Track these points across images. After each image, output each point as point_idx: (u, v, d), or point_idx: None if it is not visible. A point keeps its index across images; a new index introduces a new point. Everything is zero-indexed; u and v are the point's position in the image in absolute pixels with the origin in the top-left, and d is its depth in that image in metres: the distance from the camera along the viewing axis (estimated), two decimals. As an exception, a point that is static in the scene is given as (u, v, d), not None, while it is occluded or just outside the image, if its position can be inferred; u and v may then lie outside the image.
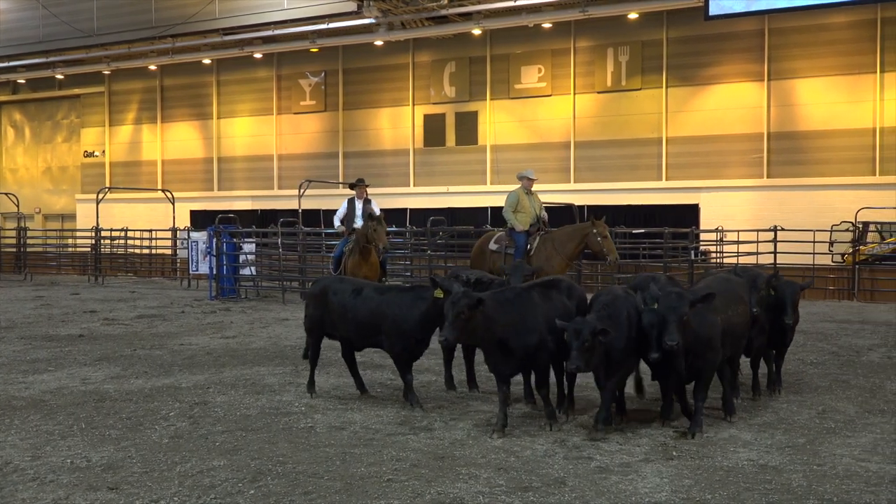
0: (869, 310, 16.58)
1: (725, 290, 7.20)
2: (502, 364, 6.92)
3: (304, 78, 30.34)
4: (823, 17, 23.10)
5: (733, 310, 7.08)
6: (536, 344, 6.89)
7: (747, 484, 5.67)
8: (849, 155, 23.10)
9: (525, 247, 12.80)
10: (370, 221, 12.97)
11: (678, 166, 24.72)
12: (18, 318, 15.21)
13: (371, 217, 13.09)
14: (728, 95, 24.43)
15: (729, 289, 7.31)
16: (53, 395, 8.59)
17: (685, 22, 24.33)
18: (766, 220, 21.17)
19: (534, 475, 5.84)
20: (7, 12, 33.47)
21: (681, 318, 6.39)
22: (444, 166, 27.75)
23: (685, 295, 6.56)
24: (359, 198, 14.39)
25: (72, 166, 35.94)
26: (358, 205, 14.30)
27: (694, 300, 6.52)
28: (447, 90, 28.04)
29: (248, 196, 31.09)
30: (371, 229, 12.85)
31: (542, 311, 6.99)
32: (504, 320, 6.78)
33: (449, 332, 6.57)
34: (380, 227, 12.89)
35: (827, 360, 10.56)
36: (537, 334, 6.88)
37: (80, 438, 6.91)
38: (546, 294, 7.24)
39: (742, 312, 7.25)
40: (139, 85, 33.26)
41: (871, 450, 6.49)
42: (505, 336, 6.78)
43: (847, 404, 8.07)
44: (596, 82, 26.05)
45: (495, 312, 6.74)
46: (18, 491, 5.60)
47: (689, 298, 6.50)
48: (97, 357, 10.91)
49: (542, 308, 7.03)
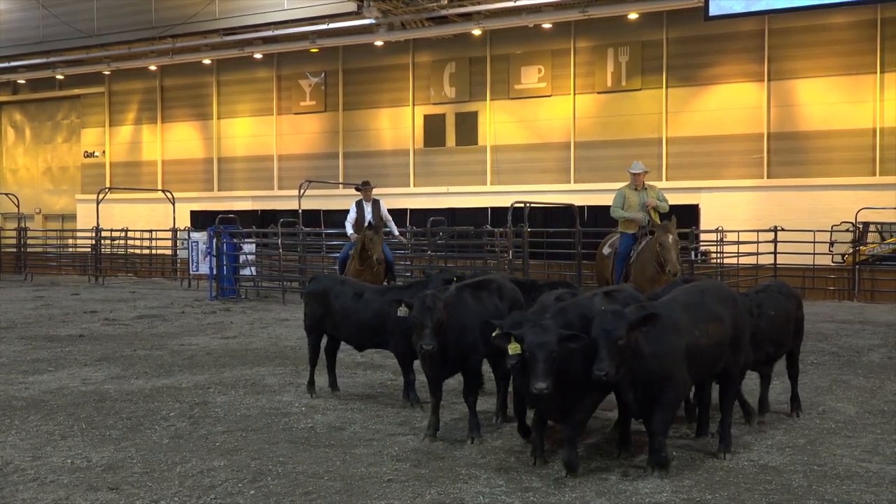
0: (869, 310, 16.58)
1: (697, 305, 6.17)
2: (439, 367, 6.75)
3: (304, 78, 30.32)
4: (823, 18, 23.08)
5: (702, 330, 6.01)
6: (471, 346, 6.73)
7: (748, 484, 5.68)
8: (849, 155, 23.08)
9: (627, 252, 11.35)
10: (367, 230, 12.62)
11: (678, 166, 24.70)
12: (19, 319, 15.22)
13: (368, 226, 12.78)
14: (728, 96, 24.42)
15: (701, 303, 6.22)
16: (54, 395, 8.59)
17: (685, 22, 24.31)
18: (767, 220, 21.15)
19: (534, 475, 5.84)
20: (7, 13, 33.46)
21: (615, 343, 5.43)
22: (445, 167, 27.73)
23: (624, 315, 5.57)
24: (366, 200, 14.08)
25: (72, 166, 35.92)
26: (367, 207, 13.97)
27: (634, 321, 5.55)
28: (447, 90, 28.02)
29: (249, 196, 31.07)
30: (367, 238, 12.50)
31: (474, 313, 6.81)
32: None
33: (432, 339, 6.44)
34: (375, 236, 12.57)
35: (827, 360, 10.56)
36: (472, 336, 6.71)
37: (81, 439, 6.92)
38: (477, 295, 7.04)
39: (714, 332, 6.10)
40: (139, 85, 33.24)
41: (871, 450, 6.50)
42: (441, 338, 6.52)
43: (847, 405, 8.07)
44: (596, 83, 26.04)
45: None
46: (19, 491, 5.61)
47: (628, 320, 5.52)
48: (97, 357, 10.91)
49: (475, 309, 6.86)
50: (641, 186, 11.70)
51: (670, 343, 5.77)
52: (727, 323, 6.22)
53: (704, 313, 6.11)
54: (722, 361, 6.28)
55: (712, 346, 6.09)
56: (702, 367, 6.11)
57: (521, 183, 25.92)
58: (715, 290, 6.58)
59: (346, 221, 14.01)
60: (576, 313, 5.85)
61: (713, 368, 6.29)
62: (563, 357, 5.49)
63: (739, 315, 6.43)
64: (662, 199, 11.65)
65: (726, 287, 6.89)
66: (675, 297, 6.32)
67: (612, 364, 5.41)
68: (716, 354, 6.17)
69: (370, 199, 14.08)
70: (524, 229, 18.42)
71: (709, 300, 6.26)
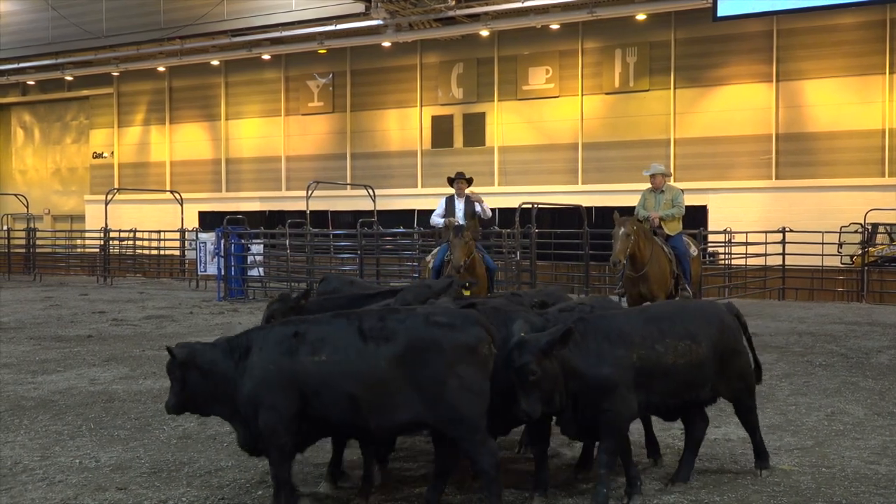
0: (878, 311, 16.51)
1: (667, 320, 5.48)
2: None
3: (311, 79, 30.37)
4: (832, 18, 23.03)
5: (664, 345, 5.30)
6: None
7: (756, 486, 5.66)
8: (858, 156, 23.01)
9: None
10: (453, 237, 10.84)
11: (686, 167, 24.64)
12: (27, 319, 15.26)
13: (455, 231, 10.90)
14: (736, 96, 24.37)
15: (672, 317, 5.53)
16: (62, 395, 8.62)
17: (693, 23, 24.27)
18: (775, 221, 21.09)
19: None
20: (16, 14, 33.61)
21: (527, 378, 4.85)
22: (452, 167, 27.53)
23: (532, 346, 4.90)
24: (459, 196, 11.98)
25: (81, 167, 36.05)
26: (458, 204, 11.89)
27: (546, 347, 4.91)
28: (455, 91, 28.03)
29: (256, 197, 31.13)
30: (452, 245, 10.79)
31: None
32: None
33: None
34: (457, 240, 10.73)
35: (836, 362, 10.52)
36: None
37: (89, 439, 6.93)
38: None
39: (684, 351, 5.34)
40: (148, 86, 33.34)
41: (880, 452, 6.47)
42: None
43: (856, 406, 8.04)
44: (604, 83, 26.02)
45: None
46: (28, 491, 5.63)
47: (538, 348, 4.89)
48: (106, 357, 10.94)
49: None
50: (659, 188, 11.57)
51: (612, 356, 5.14)
52: (704, 344, 5.43)
53: (672, 329, 5.39)
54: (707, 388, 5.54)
55: (683, 367, 5.34)
56: (669, 389, 5.37)
57: (529, 184, 25.92)
58: (696, 308, 5.94)
59: (433, 215, 12.21)
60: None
61: (689, 393, 5.49)
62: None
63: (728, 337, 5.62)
64: (678, 202, 11.47)
65: (714, 308, 5.89)
66: (644, 308, 6.01)
67: (534, 402, 4.88)
68: (689, 378, 5.40)
69: (463, 195, 11.98)
70: (532, 230, 18.41)
71: (682, 316, 5.55)
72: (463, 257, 10.66)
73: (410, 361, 4.78)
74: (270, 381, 4.84)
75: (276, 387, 4.83)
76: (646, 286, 10.59)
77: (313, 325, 5.01)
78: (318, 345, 4.86)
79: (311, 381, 4.81)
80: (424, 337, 4.82)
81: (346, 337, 4.86)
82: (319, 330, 4.95)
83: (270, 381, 4.84)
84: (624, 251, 10.36)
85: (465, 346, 4.82)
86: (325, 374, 4.80)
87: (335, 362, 4.81)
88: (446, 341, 4.81)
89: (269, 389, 4.84)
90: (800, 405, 8.07)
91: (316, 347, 4.85)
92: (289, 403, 4.82)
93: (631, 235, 10.39)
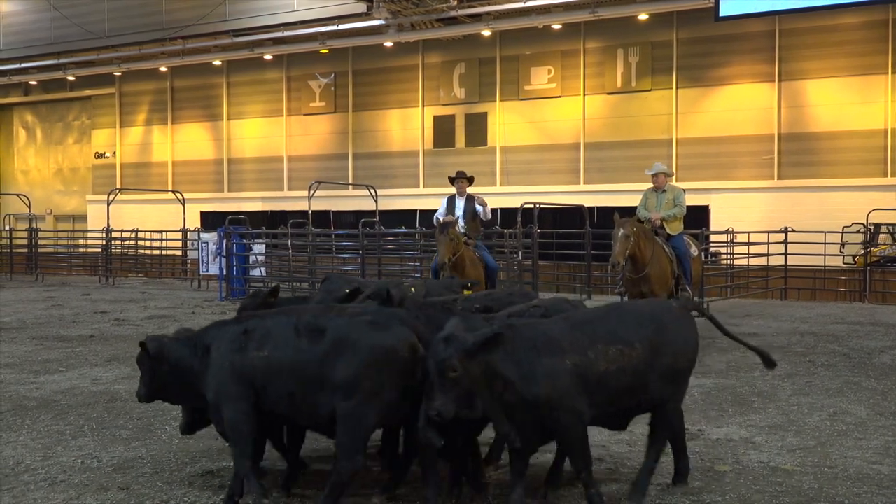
0: (880, 311, 16.50)
1: (595, 323, 5.17)
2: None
3: (313, 79, 30.38)
4: (834, 18, 23.01)
5: (599, 351, 4.95)
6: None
7: (758, 486, 5.66)
8: (860, 156, 22.99)
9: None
10: (438, 234, 10.99)
11: (688, 167, 24.64)
12: (30, 319, 15.27)
13: (441, 228, 11.01)
14: (738, 96, 24.36)
15: (603, 321, 5.19)
16: (64, 395, 8.62)
17: (695, 23, 24.27)
18: (777, 221, 21.07)
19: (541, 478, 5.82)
20: (19, 14, 33.65)
21: (444, 374, 4.58)
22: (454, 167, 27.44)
23: (460, 342, 4.63)
24: (459, 194, 12.03)
25: (83, 167, 36.08)
26: (459, 203, 11.93)
27: (472, 347, 4.62)
28: (457, 91, 28.04)
29: (258, 197, 31.15)
30: (437, 241, 10.87)
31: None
32: None
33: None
34: (442, 237, 10.77)
35: (838, 362, 10.51)
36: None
37: (91, 438, 6.94)
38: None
39: (616, 356, 4.98)
40: (150, 86, 33.37)
41: (882, 452, 6.46)
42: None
43: (858, 406, 8.03)
44: (606, 83, 26.02)
45: None
46: (30, 491, 5.63)
47: (464, 346, 4.61)
48: (108, 357, 10.95)
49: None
50: (661, 188, 11.57)
51: (544, 365, 4.81)
52: (639, 348, 5.07)
53: (604, 334, 5.06)
54: (645, 393, 5.15)
55: (616, 374, 4.99)
56: (602, 398, 5.00)
57: (531, 184, 25.91)
58: (632, 310, 5.53)
59: (434, 217, 12.15)
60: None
61: (626, 400, 5.13)
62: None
63: (670, 340, 5.23)
64: (679, 202, 11.47)
65: (653, 307, 5.55)
66: (573, 314, 5.47)
67: (449, 401, 4.58)
68: (626, 384, 5.04)
69: (464, 194, 12.03)
70: (534, 230, 18.41)
71: (617, 320, 5.20)
72: (447, 254, 10.66)
73: (332, 358, 4.92)
74: (229, 376, 5.12)
75: (234, 382, 5.11)
76: (647, 286, 10.60)
77: (260, 322, 5.25)
78: (263, 341, 5.11)
79: (258, 376, 5.07)
80: (347, 335, 4.96)
81: (284, 334, 5.08)
82: (264, 326, 5.19)
83: (229, 376, 5.12)
84: (623, 253, 10.36)
85: (384, 347, 4.89)
86: (267, 369, 5.05)
87: (275, 358, 5.05)
88: (366, 340, 4.91)
89: (229, 385, 5.12)
90: (802, 405, 8.06)
91: (261, 344, 5.11)
92: (245, 397, 5.10)
93: (630, 237, 10.38)
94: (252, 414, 5.12)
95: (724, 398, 8.38)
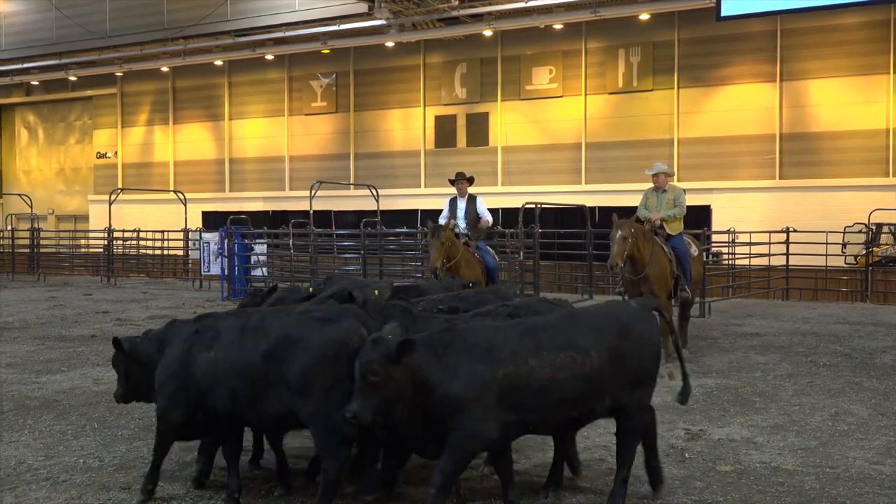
0: (882, 312, 16.50)
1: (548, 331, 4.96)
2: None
3: (315, 79, 30.38)
4: (836, 18, 22.98)
5: (544, 359, 4.80)
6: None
7: (759, 486, 5.66)
8: (862, 156, 22.96)
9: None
10: (430, 237, 11.01)
11: (690, 167, 24.62)
12: (32, 319, 15.29)
13: (433, 231, 11.02)
14: (740, 96, 24.33)
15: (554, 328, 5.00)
16: (66, 395, 8.63)
17: (697, 23, 24.24)
18: (779, 221, 21.07)
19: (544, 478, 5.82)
20: (20, 14, 33.64)
21: (366, 378, 4.49)
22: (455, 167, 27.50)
23: (385, 346, 4.55)
24: (461, 196, 12.10)
25: (84, 167, 36.09)
26: (460, 204, 12.00)
27: (393, 351, 4.52)
28: (458, 91, 28.03)
29: (260, 197, 31.15)
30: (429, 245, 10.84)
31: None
32: None
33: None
34: (434, 240, 10.80)
35: (840, 362, 10.51)
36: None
37: (93, 438, 6.95)
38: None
39: (566, 363, 4.83)
40: (151, 86, 33.37)
41: (884, 452, 6.46)
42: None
43: (860, 407, 8.03)
44: (607, 83, 25.99)
45: None
46: (32, 490, 5.64)
47: (388, 351, 4.52)
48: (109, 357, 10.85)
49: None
50: (661, 188, 11.53)
51: (469, 371, 4.69)
52: (595, 355, 4.92)
53: (554, 340, 4.89)
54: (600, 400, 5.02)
55: (565, 381, 4.83)
56: (547, 406, 4.85)
57: (532, 184, 25.90)
58: (590, 315, 5.28)
59: (427, 222, 12.21)
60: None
61: (578, 407, 4.99)
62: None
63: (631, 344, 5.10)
64: (680, 202, 11.42)
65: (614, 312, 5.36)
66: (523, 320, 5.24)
67: (368, 405, 4.48)
68: (576, 391, 4.88)
69: (465, 195, 12.08)
70: (535, 230, 18.41)
71: (573, 326, 5.04)
72: (439, 259, 10.60)
73: (281, 355, 4.97)
74: (173, 373, 5.29)
75: (176, 378, 5.27)
76: (647, 287, 10.59)
77: (213, 323, 5.39)
78: (211, 342, 5.24)
79: (205, 377, 5.20)
80: (295, 332, 5.01)
81: (231, 334, 5.18)
82: (215, 327, 5.32)
83: (173, 373, 5.29)
84: (621, 255, 10.34)
85: (334, 341, 4.91)
86: (214, 370, 5.16)
87: (219, 358, 5.16)
88: (315, 336, 4.95)
89: (168, 380, 5.31)
90: (804, 405, 8.06)
91: (209, 345, 5.24)
92: (181, 397, 5.26)
93: (628, 238, 10.36)
94: (182, 411, 5.28)
95: (726, 398, 8.38)
